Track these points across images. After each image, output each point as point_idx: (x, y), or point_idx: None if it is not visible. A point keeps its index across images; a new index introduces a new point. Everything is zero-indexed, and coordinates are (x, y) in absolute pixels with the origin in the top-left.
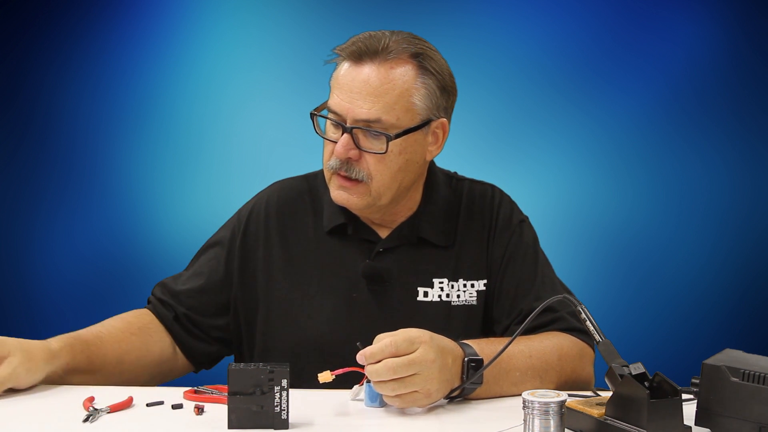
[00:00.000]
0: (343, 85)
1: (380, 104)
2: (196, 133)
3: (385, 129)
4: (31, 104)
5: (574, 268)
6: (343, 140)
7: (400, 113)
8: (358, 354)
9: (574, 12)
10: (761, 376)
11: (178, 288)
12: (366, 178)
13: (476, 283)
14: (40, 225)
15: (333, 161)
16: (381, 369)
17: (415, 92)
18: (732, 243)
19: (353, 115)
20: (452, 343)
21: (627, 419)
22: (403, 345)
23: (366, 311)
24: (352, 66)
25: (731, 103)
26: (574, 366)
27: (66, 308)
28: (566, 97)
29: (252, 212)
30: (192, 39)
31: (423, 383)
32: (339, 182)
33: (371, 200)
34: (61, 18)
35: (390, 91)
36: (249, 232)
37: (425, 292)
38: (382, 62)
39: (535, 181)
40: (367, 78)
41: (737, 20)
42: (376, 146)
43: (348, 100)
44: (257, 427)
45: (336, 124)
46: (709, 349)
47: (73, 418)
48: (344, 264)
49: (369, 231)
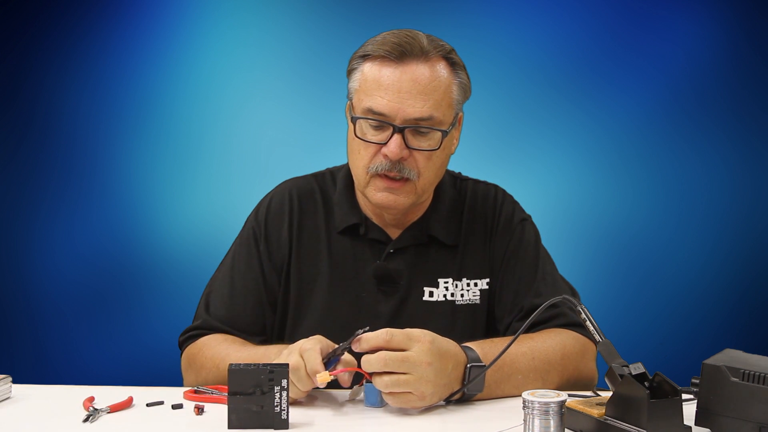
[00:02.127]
0: (388, 85)
1: (431, 101)
2: (196, 134)
3: (435, 125)
4: (31, 104)
5: (574, 268)
6: (396, 140)
7: (445, 109)
8: (354, 339)
9: (574, 12)
10: (761, 376)
11: (235, 313)
12: (415, 177)
13: (479, 282)
14: (40, 225)
15: (382, 163)
16: (373, 359)
17: (454, 88)
18: (732, 243)
19: (404, 115)
20: (456, 347)
21: (627, 419)
22: (399, 337)
23: (374, 311)
24: (393, 65)
25: (731, 103)
26: (576, 364)
27: (66, 308)
28: (566, 97)
29: (269, 213)
30: (192, 39)
31: (416, 385)
32: (385, 184)
33: (416, 198)
34: (61, 18)
35: (438, 88)
36: (271, 235)
37: (431, 292)
38: (425, 60)
39: (536, 181)
40: (415, 76)
41: (737, 20)
42: (425, 143)
43: (397, 100)
44: (257, 427)
45: (381, 125)
46: (709, 349)
47: (73, 418)
48: (355, 264)
49: (380, 231)
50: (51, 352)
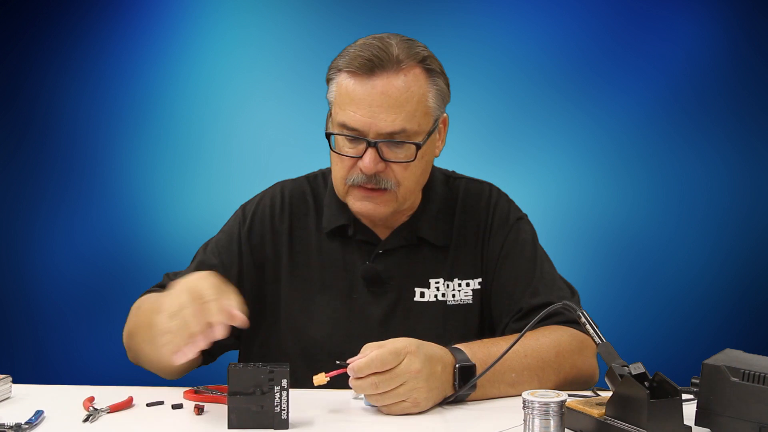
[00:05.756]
0: (359, 100)
1: (402, 114)
2: (196, 133)
3: (409, 137)
4: (31, 104)
5: (574, 268)
6: (370, 155)
7: (420, 119)
8: (348, 367)
9: (574, 12)
10: (761, 376)
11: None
12: (394, 187)
13: (471, 282)
14: (40, 225)
15: (357, 176)
16: (365, 385)
17: (429, 95)
18: (732, 243)
19: (376, 129)
20: (442, 350)
21: (627, 419)
22: (389, 358)
23: (365, 313)
24: (363, 79)
25: (731, 103)
26: (574, 361)
27: (66, 308)
28: (566, 97)
29: (257, 209)
30: (192, 39)
31: (409, 393)
32: (364, 193)
33: (397, 206)
34: (61, 18)
35: (409, 99)
36: (255, 229)
37: (422, 293)
38: (396, 72)
39: (535, 181)
40: (385, 90)
41: (737, 20)
42: (402, 155)
43: (368, 115)
44: (257, 427)
45: (354, 140)
46: (709, 349)
47: (73, 418)
48: (345, 265)
49: (369, 233)
50: (51, 352)
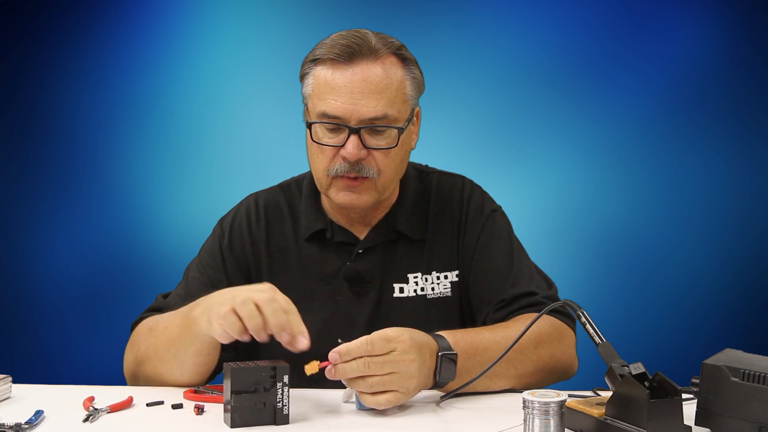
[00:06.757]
0: (340, 87)
1: (384, 100)
2: (196, 133)
3: (390, 123)
4: (31, 104)
5: (574, 268)
6: (353, 141)
7: (400, 106)
8: (332, 351)
9: (574, 12)
10: (761, 376)
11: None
12: (375, 175)
13: (449, 274)
14: (40, 225)
15: (341, 165)
16: (354, 366)
17: (407, 84)
18: (732, 243)
19: (359, 116)
20: (428, 337)
21: (627, 419)
22: (379, 343)
23: (349, 313)
24: (343, 66)
25: (731, 103)
26: (553, 351)
27: (66, 308)
28: (566, 97)
29: (234, 221)
30: (192, 39)
31: (401, 382)
32: (345, 183)
33: (377, 195)
34: (61, 18)
35: (390, 85)
36: (234, 240)
37: (401, 288)
38: (374, 60)
39: (535, 181)
40: (366, 76)
41: (737, 20)
42: (383, 142)
43: (350, 102)
44: (259, 424)
45: (336, 128)
46: (709, 349)
47: (73, 418)
48: (325, 269)
49: (347, 233)
50: (51, 352)
